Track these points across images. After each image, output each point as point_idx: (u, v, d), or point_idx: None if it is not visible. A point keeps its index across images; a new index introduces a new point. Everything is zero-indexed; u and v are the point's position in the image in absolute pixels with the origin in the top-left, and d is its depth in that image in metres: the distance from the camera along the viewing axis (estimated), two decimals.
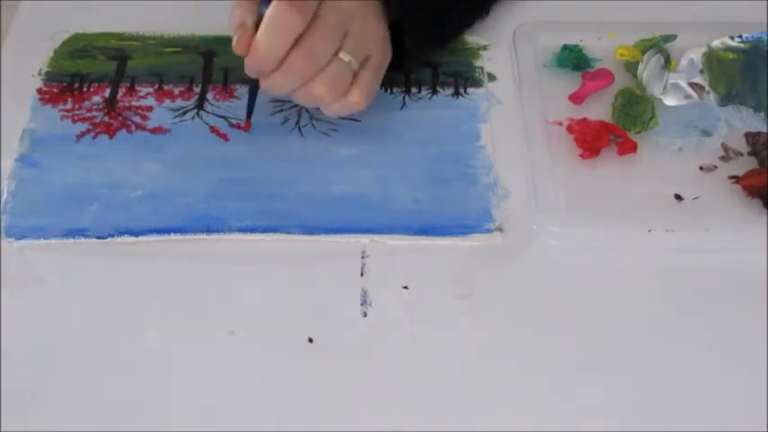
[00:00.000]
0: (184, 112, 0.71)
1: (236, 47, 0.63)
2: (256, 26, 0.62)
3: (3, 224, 0.64)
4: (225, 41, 0.68)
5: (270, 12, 0.61)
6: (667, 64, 0.73)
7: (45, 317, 0.60)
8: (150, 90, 0.72)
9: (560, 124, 0.70)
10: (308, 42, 0.61)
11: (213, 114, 0.71)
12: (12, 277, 0.62)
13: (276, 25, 0.61)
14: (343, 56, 0.63)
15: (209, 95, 0.72)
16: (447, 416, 0.56)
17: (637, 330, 0.60)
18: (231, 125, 0.69)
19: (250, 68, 0.63)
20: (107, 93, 0.72)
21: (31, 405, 0.56)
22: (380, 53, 0.65)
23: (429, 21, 0.70)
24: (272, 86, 0.64)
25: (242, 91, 0.72)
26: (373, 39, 0.65)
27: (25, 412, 0.56)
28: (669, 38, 0.75)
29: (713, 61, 0.73)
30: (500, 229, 0.65)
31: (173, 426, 0.56)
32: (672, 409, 0.57)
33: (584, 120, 0.70)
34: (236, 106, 0.71)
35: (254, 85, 0.67)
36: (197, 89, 0.72)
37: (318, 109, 0.67)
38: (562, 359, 0.59)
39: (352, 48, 0.63)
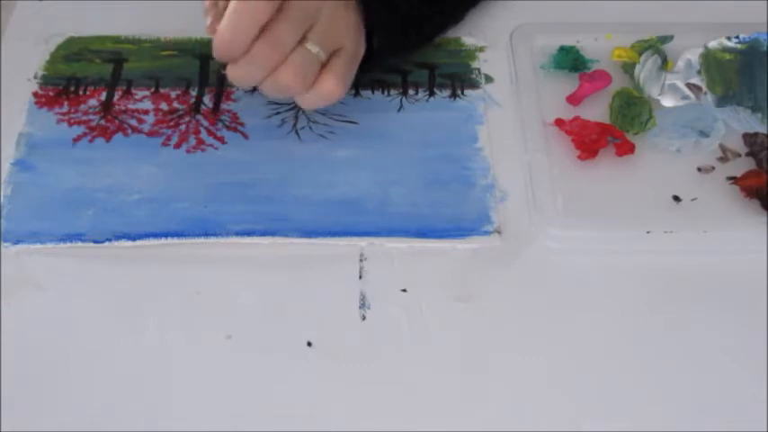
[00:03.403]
0: (181, 116, 0.71)
1: (209, 29, 0.62)
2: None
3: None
4: None
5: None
6: (664, 65, 0.73)
7: (42, 321, 0.60)
8: (147, 93, 0.72)
9: (558, 126, 0.70)
10: (272, 32, 0.60)
11: (210, 118, 0.71)
12: (9, 282, 0.61)
13: (242, 12, 0.59)
14: (310, 46, 0.62)
15: (206, 99, 0.72)
16: (446, 418, 0.56)
17: (636, 332, 0.60)
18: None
19: (218, 53, 0.62)
20: (103, 96, 0.72)
21: (27, 409, 0.56)
22: (353, 44, 0.65)
23: (399, 23, 0.69)
24: (237, 76, 0.62)
25: (239, 94, 0.72)
26: (344, 30, 0.64)
27: (24, 415, 0.56)
28: (666, 39, 0.75)
29: (710, 62, 0.73)
30: (498, 232, 0.64)
31: (171, 429, 0.56)
32: (672, 410, 0.57)
33: (582, 121, 0.70)
34: (234, 109, 0.71)
35: (221, 77, 0.66)
36: (193, 92, 0.72)
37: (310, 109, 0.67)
38: (561, 361, 0.59)
39: (319, 38, 0.62)
